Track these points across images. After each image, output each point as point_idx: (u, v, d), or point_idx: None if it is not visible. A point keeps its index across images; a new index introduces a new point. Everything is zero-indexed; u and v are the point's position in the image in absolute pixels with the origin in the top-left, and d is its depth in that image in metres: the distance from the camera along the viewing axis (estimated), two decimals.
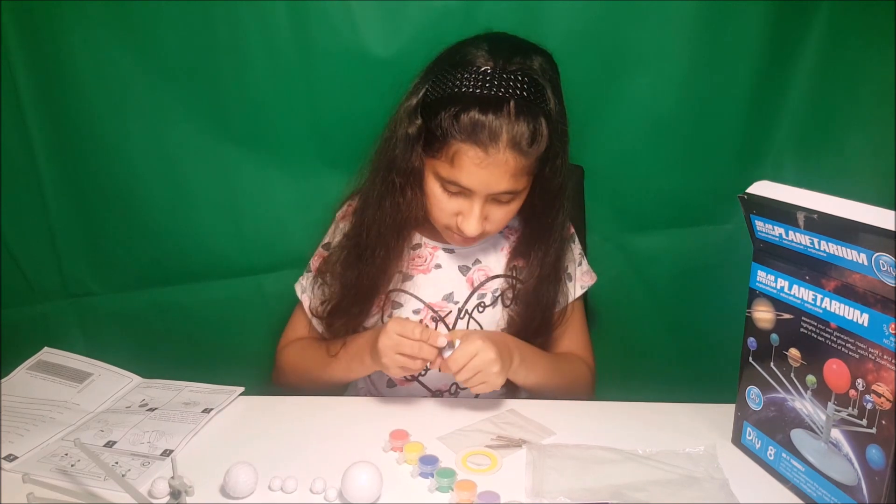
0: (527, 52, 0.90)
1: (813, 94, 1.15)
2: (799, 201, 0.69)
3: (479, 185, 0.87)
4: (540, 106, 0.87)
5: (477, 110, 0.84)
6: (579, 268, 1.07)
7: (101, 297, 1.26)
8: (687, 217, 1.23)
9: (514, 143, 0.85)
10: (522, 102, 0.85)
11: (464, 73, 0.87)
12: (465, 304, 1.01)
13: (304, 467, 0.78)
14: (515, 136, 0.84)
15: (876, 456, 0.64)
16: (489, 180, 0.87)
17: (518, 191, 0.90)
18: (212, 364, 1.18)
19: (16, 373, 1.00)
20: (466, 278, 1.01)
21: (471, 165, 0.86)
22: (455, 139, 0.85)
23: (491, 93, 0.85)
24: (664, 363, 1.31)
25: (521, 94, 0.85)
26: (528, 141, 0.85)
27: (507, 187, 0.88)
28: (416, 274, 1.01)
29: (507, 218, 0.94)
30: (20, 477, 0.73)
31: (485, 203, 0.90)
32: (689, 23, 1.10)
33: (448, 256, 1.02)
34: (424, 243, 1.03)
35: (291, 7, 1.07)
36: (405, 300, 1.01)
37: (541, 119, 0.86)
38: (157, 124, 1.14)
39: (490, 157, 0.85)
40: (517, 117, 0.84)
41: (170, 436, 0.84)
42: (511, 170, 0.86)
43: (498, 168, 0.86)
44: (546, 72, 0.90)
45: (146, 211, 1.19)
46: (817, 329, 0.69)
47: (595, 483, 0.75)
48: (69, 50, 1.09)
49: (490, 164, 0.85)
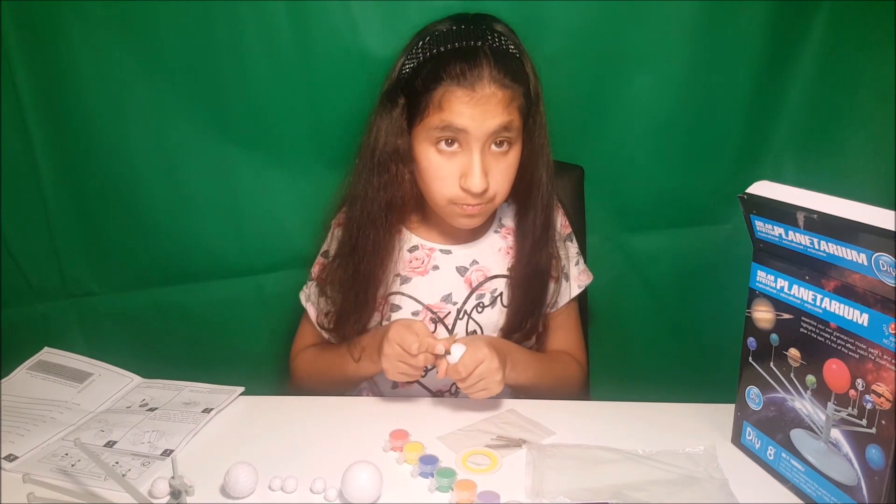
0: (487, 18, 0.96)
1: (813, 94, 1.15)
2: (799, 201, 0.69)
3: (472, 124, 0.89)
4: (512, 50, 0.93)
5: (455, 58, 0.89)
6: (576, 267, 1.07)
7: (101, 297, 1.26)
8: (687, 217, 1.23)
9: (496, 78, 0.88)
10: (495, 45, 0.91)
11: (434, 39, 0.93)
12: (463, 304, 1.01)
13: (304, 467, 0.78)
14: (496, 72, 0.89)
15: (876, 456, 0.64)
16: (482, 117, 0.88)
17: (513, 128, 0.91)
18: (212, 364, 1.18)
19: (16, 373, 1.00)
20: (464, 279, 1.01)
21: (460, 105, 0.88)
22: (439, 87, 0.89)
23: (464, 43, 0.91)
24: (664, 363, 1.31)
25: (491, 41, 0.91)
26: (510, 75, 0.90)
27: (500, 121, 0.89)
28: (414, 276, 1.02)
29: (508, 177, 0.95)
30: (20, 477, 0.73)
31: (483, 154, 0.91)
32: (689, 23, 1.10)
33: (445, 257, 1.02)
34: (421, 245, 1.03)
35: (291, 7, 1.07)
36: (404, 302, 1.01)
37: (517, 59, 0.93)
38: (157, 124, 1.14)
39: (477, 92, 0.88)
40: (494, 57, 0.89)
41: (170, 436, 0.85)
42: (500, 102, 0.89)
43: (487, 103, 0.88)
44: (511, 34, 0.96)
45: (146, 211, 1.19)
46: (817, 329, 0.70)
47: (595, 483, 0.75)
48: (69, 50, 1.09)
49: (479, 99, 0.88)
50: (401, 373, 0.90)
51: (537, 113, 0.95)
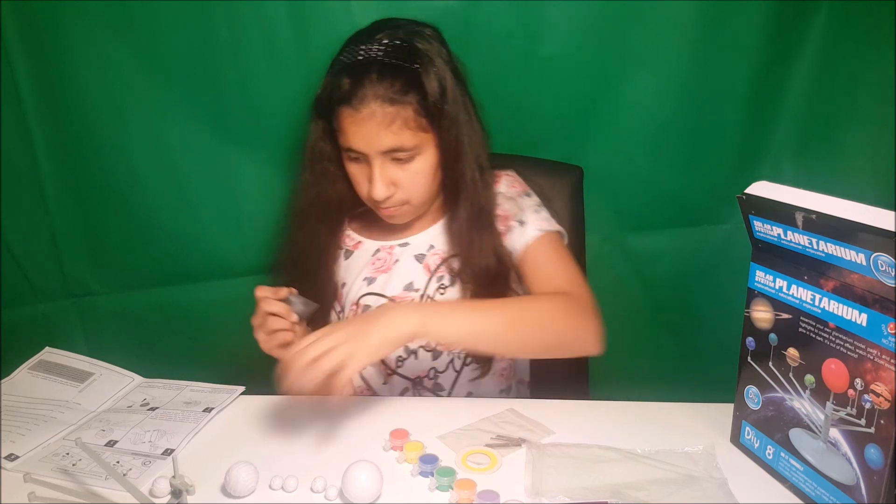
0: (398, 24, 0.95)
1: (812, 95, 1.15)
2: (797, 202, 0.69)
3: (362, 143, 0.91)
4: (407, 63, 0.91)
5: (344, 77, 0.91)
6: (536, 215, 1.01)
7: (102, 297, 1.26)
8: (686, 217, 1.23)
9: (378, 96, 0.89)
10: (386, 61, 0.90)
11: (336, 58, 0.95)
12: (425, 289, 1.01)
13: (304, 466, 0.78)
14: (379, 90, 0.89)
15: (874, 455, 0.64)
16: (368, 136, 0.90)
17: (407, 148, 0.92)
18: (212, 363, 1.18)
19: (17, 372, 1.00)
20: (423, 265, 1.02)
21: (349, 126, 0.91)
22: (335, 109, 0.92)
23: (356, 58, 0.92)
24: (663, 363, 1.31)
25: (383, 56, 0.90)
26: (395, 92, 0.89)
27: (391, 142, 0.91)
28: (379, 275, 1.03)
29: (418, 181, 0.95)
30: (21, 476, 0.74)
31: (383, 165, 0.92)
32: (689, 23, 1.10)
33: (404, 250, 1.04)
34: (382, 247, 1.05)
35: (291, 7, 1.07)
36: (371, 301, 1.03)
37: (409, 69, 0.90)
38: (157, 124, 1.14)
39: (360, 112, 0.89)
40: (379, 72, 0.89)
41: (171, 435, 0.85)
42: (386, 118, 0.89)
43: (371, 121, 0.89)
44: (426, 38, 0.94)
45: (146, 211, 1.19)
46: (816, 329, 0.70)
47: (594, 482, 0.75)
48: (70, 50, 1.09)
49: (362, 119, 0.89)
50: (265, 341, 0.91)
51: (448, 117, 0.93)
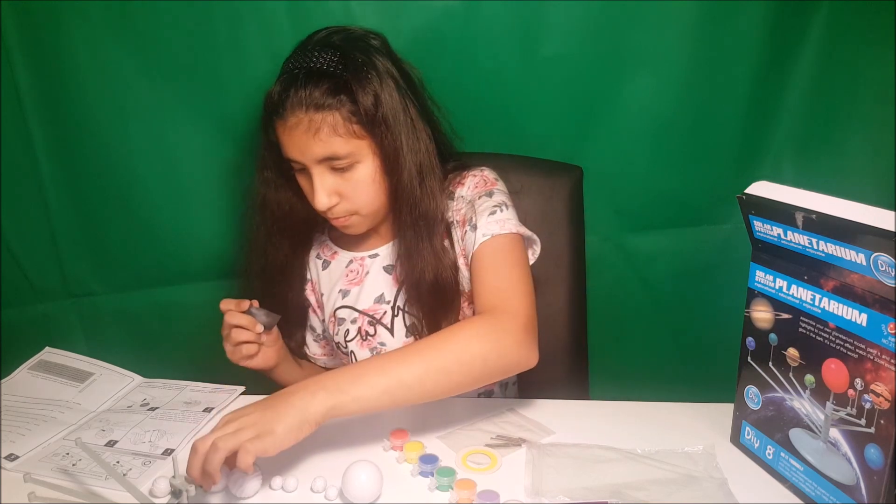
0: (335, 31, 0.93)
1: (812, 94, 1.15)
2: (797, 201, 0.69)
3: (296, 152, 0.90)
4: (332, 68, 0.88)
5: (276, 88, 0.90)
6: (488, 217, 0.94)
7: (102, 297, 1.26)
8: (686, 217, 1.23)
9: (305, 104, 0.87)
10: (314, 69, 0.89)
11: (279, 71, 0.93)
12: (395, 301, 1.01)
13: (304, 466, 0.78)
14: (306, 98, 0.87)
15: (874, 455, 0.64)
16: (300, 144, 0.89)
17: (341, 155, 0.89)
18: (212, 363, 1.18)
19: (17, 372, 1.00)
20: (392, 277, 1.01)
21: (282, 136, 0.90)
22: (271, 120, 0.91)
23: (287, 67, 0.91)
24: (663, 363, 1.31)
25: (313, 64, 0.89)
26: (320, 97, 0.88)
27: (322, 150, 0.89)
28: (352, 288, 1.03)
29: (361, 190, 0.92)
30: (21, 476, 0.74)
31: (322, 174, 0.91)
32: (689, 23, 1.10)
33: (374, 261, 1.03)
34: (354, 258, 1.04)
35: (291, 7, 1.07)
36: (344, 314, 1.03)
37: (338, 76, 0.88)
38: (157, 124, 1.14)
39: (289, 121, 0.88)
40: (307, 81, 0.88)
41: (171, 435, 0.85)
42: (311, 129, 0.88)
43: (298, 129, 0.88)
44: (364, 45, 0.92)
45: (146, 211, 1.19)
46: (816, 329, 0.70)
47: (594, 482, 0.75)
48: (69, 50, 1.09)
49: (292, 127, 0.88)
50: (231, 353, 0.95)
51: (383, 124, 0.90)
